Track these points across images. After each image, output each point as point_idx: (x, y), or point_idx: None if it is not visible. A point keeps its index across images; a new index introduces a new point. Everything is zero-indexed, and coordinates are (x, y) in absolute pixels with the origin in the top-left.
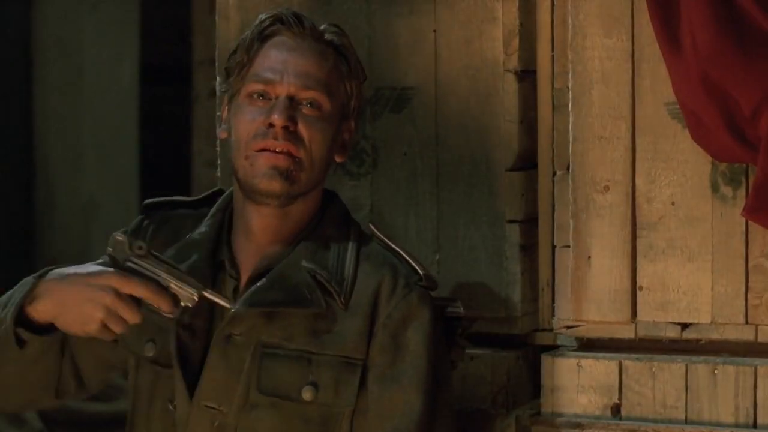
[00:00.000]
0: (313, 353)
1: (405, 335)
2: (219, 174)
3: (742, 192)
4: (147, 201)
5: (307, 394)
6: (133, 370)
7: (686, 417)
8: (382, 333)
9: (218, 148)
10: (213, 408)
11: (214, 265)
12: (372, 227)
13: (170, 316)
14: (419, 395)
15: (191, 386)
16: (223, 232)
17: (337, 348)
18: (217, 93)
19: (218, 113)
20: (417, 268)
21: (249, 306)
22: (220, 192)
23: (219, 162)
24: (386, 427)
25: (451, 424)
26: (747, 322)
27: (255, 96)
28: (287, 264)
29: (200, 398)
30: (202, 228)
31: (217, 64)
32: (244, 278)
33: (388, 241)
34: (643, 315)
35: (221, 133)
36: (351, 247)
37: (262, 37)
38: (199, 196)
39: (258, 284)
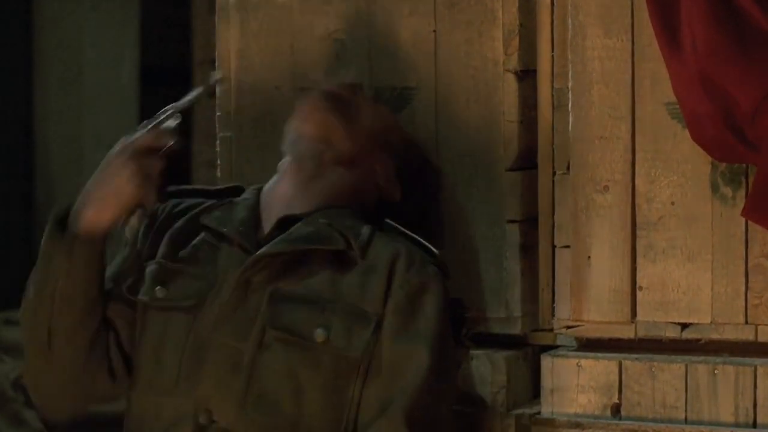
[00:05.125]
0: (327, 300)
1: (421, 299)
2: (219, 174)
3: (742, 192)
4: (169, 188)
5: (319, 336)
6: (141, 322)
7: (686, 417)
8: (398, 293)
9: (218, 149)
10: (231, 345)
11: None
12: (389, 221)
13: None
14: (428, 353)
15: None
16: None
17: (352, 298)
18: (217, 93)
19: (218, 113)
20: (434, 251)
21: (269, 251)
22: (239, 187)
23: (219, 162)
24: (398, 384)
25: (451, 399)
26: (747, 322)
27: None
28: (305, 222)
29: (220, 333)
30: (245, 195)
31: (217, 64)
32: (266, 229)
33: (405, 231)
34: (643, 315)
35: None
36: (367, 223)
37: None
38: (220, 187)
39: (279, 236)
